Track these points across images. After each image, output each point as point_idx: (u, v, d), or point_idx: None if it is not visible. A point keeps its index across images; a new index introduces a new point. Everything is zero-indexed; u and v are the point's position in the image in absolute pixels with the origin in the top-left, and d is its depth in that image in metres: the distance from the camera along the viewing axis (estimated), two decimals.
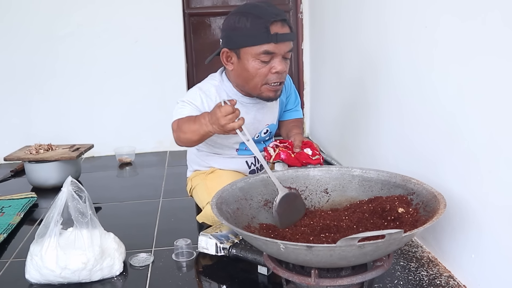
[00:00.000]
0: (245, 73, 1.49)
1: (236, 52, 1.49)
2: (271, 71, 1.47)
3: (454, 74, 1.27)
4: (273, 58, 1.46)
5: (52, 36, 2.75)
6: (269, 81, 1.49)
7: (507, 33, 1.03)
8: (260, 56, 1.44)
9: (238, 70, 1.52)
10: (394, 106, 1.69)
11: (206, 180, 1.69)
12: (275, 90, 1.52)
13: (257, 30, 1.42)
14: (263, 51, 1.44)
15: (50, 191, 2.26)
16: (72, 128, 2.84)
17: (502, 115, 1.08)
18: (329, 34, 2.55)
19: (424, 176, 1.35)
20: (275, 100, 1.57)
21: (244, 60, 1.48)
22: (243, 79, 1.53)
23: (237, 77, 1.55)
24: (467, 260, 1.26)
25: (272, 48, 1.43)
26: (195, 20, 2.97)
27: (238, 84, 1.57)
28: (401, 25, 1.58)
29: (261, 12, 1.43)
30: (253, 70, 1.47)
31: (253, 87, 1.52)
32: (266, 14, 1.43)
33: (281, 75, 1.49)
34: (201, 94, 1.56)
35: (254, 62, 1.46)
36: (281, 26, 1.44)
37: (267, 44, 1.43)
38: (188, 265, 1.47)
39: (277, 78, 1.49)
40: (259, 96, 1.54)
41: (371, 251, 0.98)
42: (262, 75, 1.48)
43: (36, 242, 1.40)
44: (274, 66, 1.46)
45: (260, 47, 1.43)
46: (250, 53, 1.45)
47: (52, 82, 2.81)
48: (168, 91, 2.91)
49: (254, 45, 1.44)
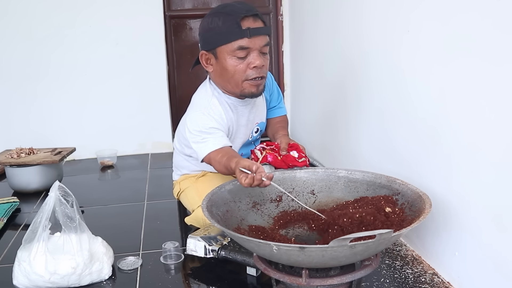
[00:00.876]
0: (224, 72, 1.51)
1: (213, 52, 1.51)
2: (249, 66, 1.49)
3: (435, 77, 1.31)
4: (250, 53, 1.47)
5: (31, 39, 2.72)
6: (249, 77, 1.50)
7: (487, 36, 1.07)
8: (236, 53, 1.46)
9: (218, 70, 1.54)
10: (374, 108, 1.73)
11: (196, 183, 1.70)
12: (257, 85, 1.53)
13: (229, 27, 1.44)
14: (237, 47, 1.46)
15: (32, 195, 2.24)
16: (52, 132, 2.81)
17: (482, 117, 1.12)
18: (309, 36, 2.58)
19: (406, 177, 1.38)
20: (259, 95, 1.58)
21: (221, 60, 1.50)
22: (224, 79, 1.54)
23: (218, 77, 1.56)
24: (450, 257, 1.30)
25: (246, 43, 1.45)
26: (176, 22, 2.98)
27: (221, 85, 1.58)
28: (380, 28, 1.62)
29: (231, 10, 1.46)
30: (231, 67, 1.49)
31: (234, 85, 1.53)
32: (237, 10, 1.45)
33: (260, 69, 1.50)
34: (209, 112, 1.54)
35: (231, 59, 1.48)
36: (253, 20, 1.46)
37: (241, 39, 1.45)
38: (177, 267, 1.48)
39: (257, 73, 1.50)
40: (242, 94, 1.55)
41: (361, 251, 1.01)
42: (241, 71, 1.49)
43: (23, 247, 1.39)
44: (251, 61, 1.48)
45: (234, 43, 1.45)
46: (225, 51, 1.47)
47: (32, 85, 2.78)
48: (149, 93, 2.90)
49: (228, 42, 1.46)
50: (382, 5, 1.61)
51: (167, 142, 2.97)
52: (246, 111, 1.64)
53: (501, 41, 1.03)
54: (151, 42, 2.85)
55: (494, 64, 1.06)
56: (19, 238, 1.76)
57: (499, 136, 1.07)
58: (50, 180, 2.29)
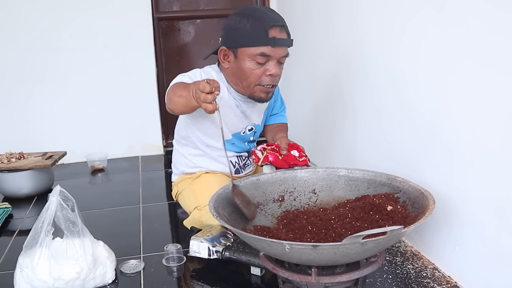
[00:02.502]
0: (240, 72, 1.55)
1: (233, 51, 1.54)
2: (265, 73, 1.53)
3: (433, 73, 1.33)
4: (269, 61, 1.52)
5: (18, 42, 2.67)
6: (262, 83, 1.55)
7: (482, 35, 1.10)
8: (257, 58, 1.50)
9: (234, 69, 1.57)
10: (370, 106, 1.76)
11: (192, 185, 1.71)
12: (267, 92, 1.58)
13: (256, 32, 1.48)
14: (259, 53, 1.49)
15: (23, 200, 2.21)
16: (40, 136, 2.77)
17: (482, 111, 1.15)
18: (299, 35, 2.58)
19: (405, 174, 1.40)
20: (266, 102, 1.62)
21: (240, 60, 1.53)
22: (238, 78, 1.58)
23: (232, 75, 1.60)
24: (450, 252, 1.33)
25: (268, 51, 1.49)
26: (164, 24, 2.97)
27: (232, 82, 1.62)
28: (376, 25, 1.65)
29: (261, 15, 1.50)
30: (248, 70, 1.53)
31: (246, 86, 1.57)
32: (266, 18, 1.49)
33: (274, 78, 1.55)
34: (201, 72, 1.60)
35: (250, 62, 1.52)
36: (279, 31, 1.50)
37: (265, 46, 1.49)
38: (179, 269, 1.48)
39: (270, 81, 1.55)
40: (251, 96, 1.60)
41: (372, 247, 1.03)
42: (256, 76, 1.53)
43: (24, 253, 1.37)
44: (269, 68, 1.52)
45: (258, 48, 1.49)
46: (247, 53, 1.51)
47: (19, 88, 2.73)
48: (138, 96, 2.88)
49: (252, 46, 1.49)
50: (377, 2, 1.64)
51: (157, 144, 2.95)
52: (243, 105, 1.68)
53: (500, 37, 1.06)
54: (140, 44, 2.82)
55: (493, 59, 1.09)
56: (15, 244, 1.74)
57: (499, 129, 1.10)
58: (42, 185, 2.27)
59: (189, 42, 3.03)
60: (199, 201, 1.62)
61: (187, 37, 3.02)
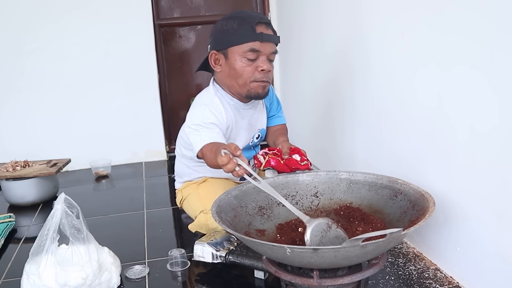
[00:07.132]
0: (233, 72, 1.57)
1: (223, 53, 1.58)
2: (257, 69, 1.56)
3: (432, 74, 1.34)
4: (259, 57, 1.55)
5: (21, 51, 2.71)
6: (257, 79, 1.57)
7: (483, 35, 1.12)
8: (247, 54, 1.53)
9: (226, 70, 1.59)
10: (370, 108, 1.77)
11: (198, 189, 1.72)
12: (264, 86, 1.60)
13: (244, 30, 1.52)
14: (249, 49, 1.53)
15: (29, 208, 2.24)
16: (45, 143, 2.80)
17: (481, 112, 1.16)
18: (299, 39, 2.61)
19: (406, 176, 1.42)
20: (264, 97, 1.64)
21: (231, 60, 1.56)
22: (232, 78, 1.59)
23: (225, 77, 1.62)
24: (452, 253, 1.34)
25: (257, 46, 1.53)
26: (165, 31, 2.99)
27: (227, 85, 1.63)
28: (376, 26, 1.66)
29: (247, 15, 1.56)
30: (240, 68, 1.56)
31: (242, 84, 1.59)
32: (252, 16, 1.55)
33: (266, 74, 1.58)
34: (210, 109, 1.59)
35: (241, 60, 1.55)
36: (265, 27, 1.55)
37: (253, 42, 1.52)
38: (183, 274, 1.50)
39: (264, 77, 1.58)
40: (248, 94, 1.61)
41: (372, 250, 1.04)
42: (249, 73, 1.56)
43: (31, 260, 1.39)
44: (260, 64, 1.55)
45: (247, 45, 1.52)
46: (237, 51, 1.54)
47: (23, 97, 2.77)
48: (140, 102, 2.91)
49: (241, 43, 1.53)
50: (377, 5, 1.65)
51: (160, 150, 2.98)
52: (247, 115, 1.69)
53: (500, 33, 1.08)
54: (142, 51, 2.85)
55: (493, 59, 1.10)
56: (21, 251, 1.76)
57: (500, 130, 1.10)
58: (46, 193, 2.29)
59: (190, 48, 3.05)
60: (205, 204, 1.62)
61: (188, 43, 3.04)
